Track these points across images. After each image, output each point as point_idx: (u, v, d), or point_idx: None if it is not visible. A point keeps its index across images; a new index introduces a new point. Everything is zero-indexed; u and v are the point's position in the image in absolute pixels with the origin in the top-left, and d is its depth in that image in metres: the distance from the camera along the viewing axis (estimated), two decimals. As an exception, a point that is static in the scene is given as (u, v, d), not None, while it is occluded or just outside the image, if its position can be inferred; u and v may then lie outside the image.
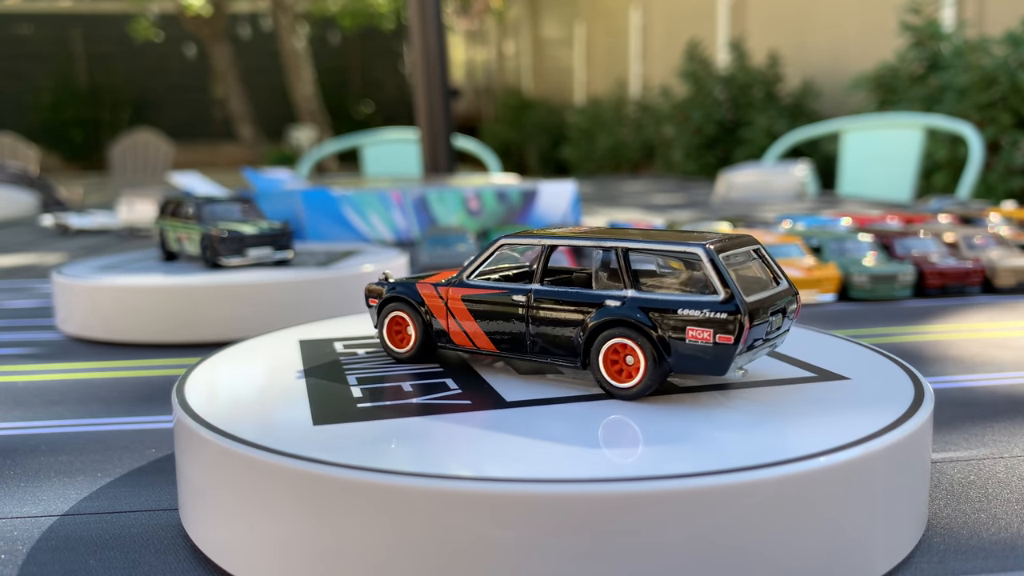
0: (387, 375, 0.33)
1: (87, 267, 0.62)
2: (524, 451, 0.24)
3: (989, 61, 2.16)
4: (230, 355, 0.36)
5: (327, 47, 8.82)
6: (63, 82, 8.59)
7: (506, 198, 1.09)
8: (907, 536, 0.26)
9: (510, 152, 6.43)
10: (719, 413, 0.27)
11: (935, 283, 0.68)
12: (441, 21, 1.51)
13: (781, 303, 0.30)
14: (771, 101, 3.46)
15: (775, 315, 0.29)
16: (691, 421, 0.27)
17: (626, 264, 0.30)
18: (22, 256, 1.02)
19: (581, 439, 0.25)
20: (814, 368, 0.33)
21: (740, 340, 0.27)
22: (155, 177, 3.84)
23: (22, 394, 0.46)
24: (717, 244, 0.29)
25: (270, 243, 0.62)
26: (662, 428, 0.26)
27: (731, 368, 0.28)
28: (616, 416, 0.27)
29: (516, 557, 0.21)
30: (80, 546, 0.28)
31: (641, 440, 0.25)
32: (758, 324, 0.28)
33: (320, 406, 0.29)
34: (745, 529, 0.22)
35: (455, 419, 0.27)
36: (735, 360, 0.28)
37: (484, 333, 0.32)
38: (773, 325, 0.29)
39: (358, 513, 0.22)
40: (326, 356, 0.36)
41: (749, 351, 0.28)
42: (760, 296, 0.29)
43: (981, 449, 0.35)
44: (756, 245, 0.31)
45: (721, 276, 0.28)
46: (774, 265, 0.31)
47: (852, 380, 0.31)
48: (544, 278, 0.32)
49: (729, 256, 0.29)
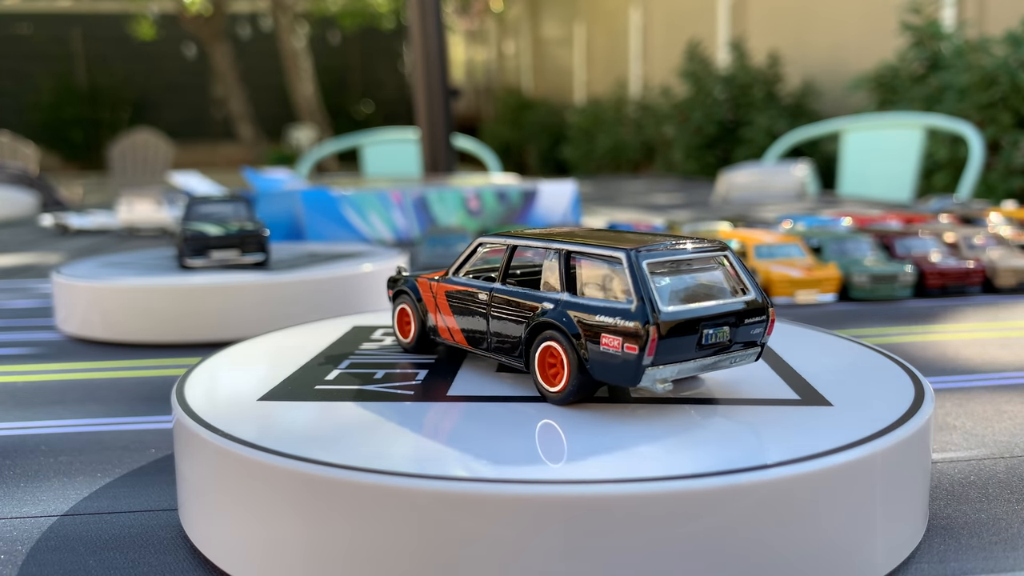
0: (378, 363, 0.35)
1: (87, 267, 0.62)
2: (402, 443, 0.25)
3: (989, 61, 2.16)
4: (230, 355, 0.36)
5: (327, 47, 8.82)
6: (63, 82, 8.59)
7: (506, 198, 1.09)
8: (908, 536, 0.26)
9: (510, 152, 6.43)
10: (656, 421, 0.27)
11: (935, 283, 0.68)
12: (441, 21, 1.51)
13: (731, 317, 0.28)
14: (771, 101, 3.46)
15: (717, 328, 0.27)
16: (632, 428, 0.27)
17: (565, 267, 0.29)
18: (22, 256, 1.02)
19: (476, 438, 0.25)
20: (805, 381, 0.32)
21: (646, 351, 0.26)
22: (155, 177, 3.84)
23: (22, 394, 0.46)
24: (648, 250, 0.28)
25: (237, 245, 0.60)
26: (586, 435, 0.25)
27: (645, 379, 0.26)
28: (543, 420, 0.27)
29: (514, 558, 0.21)
30: (79, 546, 0.28)
31: (538, 447, 0.25)
32: (680, 337, 0.26)
33: (284, 384, 0.31)
34: (745, 530, 0.22)
35: (377, 406, 0.29)
36: (647, 372, 0.26)
37: (459, 329, 0.33)
38: (713, 338, 0.27)
39: (356, 514, 0.22)
40: (351, 342, 0.38)
41: (675, 364, 0.27)
42: (691, 307, 0.27)
43: (981, 449, 0.35)
44: (723, 253, 0.29)
45: (636, 283, 0.27)
46: (742, 276, 0.29)
47: (849, 388, 0.31)
48: (506, 278, 0.32)
49: (664, 263, 0.28)
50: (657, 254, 0.28)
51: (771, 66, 3.54)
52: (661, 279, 0.27)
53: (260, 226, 0.62)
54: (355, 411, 0.28)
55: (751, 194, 1.62)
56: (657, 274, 0.27)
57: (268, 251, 0.62)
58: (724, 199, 1.64)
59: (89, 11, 8.76)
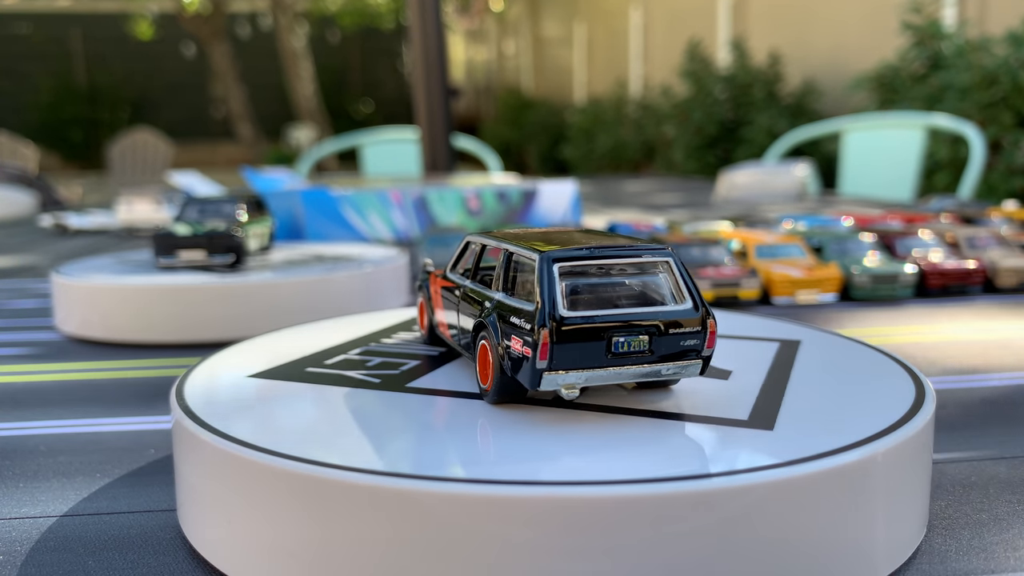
0: (380, 351, 0.36)
1: (86, 267, 0.62)
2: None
3: (990, 60, 2.16)
4: (230, 355, 0.36)
5: (326, 46, 8.82)
6: (62, 81, 8.59)
7: (506, 198, 1.09)
8: (909, 537, 0.26)
9: (510, 152, 6.43)
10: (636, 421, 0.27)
11: (936, 283, 0.68)
12: (441, 20, 1.51)
13: (651, 326, 0.26)
14: (772, 100, 3.45)
15: (631, 336, 0.26)
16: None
17: (505, 267, 0.29)
18: (21, 256, 1.02)
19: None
20: (770, 398, 0.32)
21: (538, 355, 0.25)
22: (154, 177, 3.84)
23: (21, 394, 0.46)
24: (563, 252, 0.27)
25: (204, 246, 0.60)
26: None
27: (546, 383, 0.26)
28: (474, 417, 0.27)
29: (516, 558, 0.21)
30: (78, 547, 0.27)
31: (450, 443, 0.25)
32: (584, 343, 0.26)
33: (281, 366, 0.34)
34: (746, 531, 0.22)
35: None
36: (547, 376, 0.26)
37: (445, 323, 0.34)
38: (625, 347, 0.26)
39: (356, 515, 0.22)
40: (378, 332, 0.40)
41: (582, 371, 0.26)
42: (597, 313, 0.26)
43: (983, 450, 0.35)
44: (665, 259, 0.28)
45: (541, 285, 0.26)
46: (682, 283, 0.28)
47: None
48: (475, 275, 0.32)
49: (582, 266, 0.27)
50: (573, 257, 0.27)
51: (772, 66, 3.54)
52: (576, 282, 0.27)
53: (231, 227, 0.61)
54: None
55: (752, 194, 1.62)
56: (572, 277, 0.27)
57: (242, 252, 0.61)
58: (725, 199, 1.63)
59: (88, 11, 8.76)
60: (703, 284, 0.64)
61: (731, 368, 0.33)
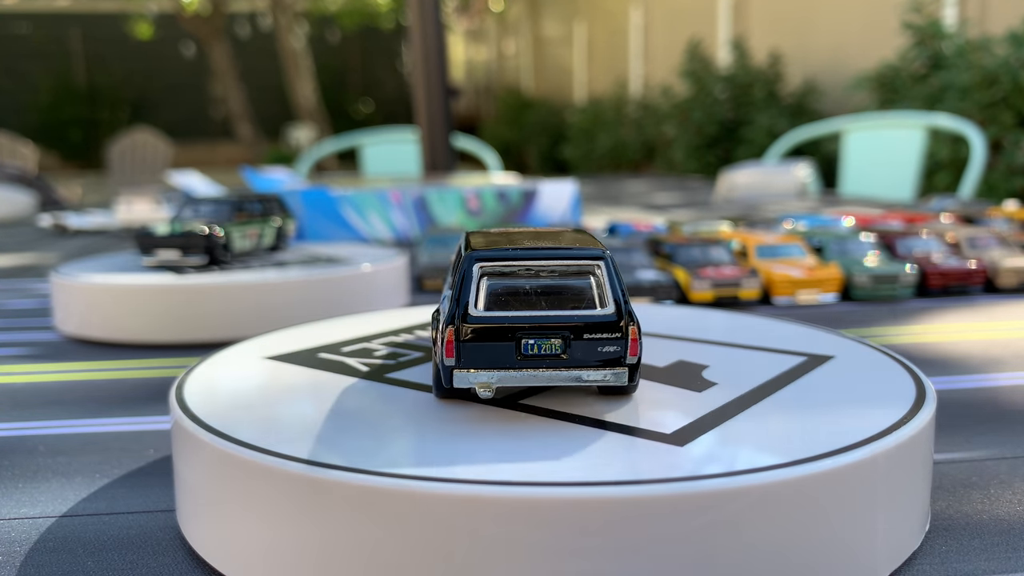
0: (399, 341, 0.37)
1: (86, 266, 0.62)
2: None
3: (991, 60, 2.16)
4: (230, 355, 0.36)
5: (326, 46, 8.82)
6: (61, 81, 8.59)
7: (506, 198, 1.09)
8: (909, 538, 0.26)
9: (510, 152, 6.43)
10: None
11: (937, 283, 0.68)
12: (441, 20, 1.51)
13: (564, 330, 0.26)
14: (772, 100, 3.46)
15: (541, 339, 0.26)
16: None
17: (455, 264, 0.29)
18: (20, 256, 1.02)
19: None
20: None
21: (444, 352, 0.26)
22: (153, 177, 3.84)
23: (20, 394, 0.45)
24: (488, 252, 0.27)
25: (179, 246, 0.60)
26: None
27: (458, 380, 0.26)
28: (470, 416, 0.27)
29: (520, 560, 0.21)
30: (78, 547, 0.27)
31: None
32: (494, 343, 0.26)
33: (296, 350, 0.36)
34: (745, 531, 0.22)
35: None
36: (456, 374, 0.26)
37: None
38: (534, 349, 0.26)
39: (357, 517, 0.22)
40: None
41: (492, 371, 0.26)
42: (504, 314, 0.26)
43: (983, 450, 0.35)
44: (596, 262, 0.27)
45: (460, 283, 0.26)
46: (608, 288, 0.27)
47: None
48: (452, 274, 0.33)
49: (507, 267, 0.27)
50: (498, 258, 0.27)
51: (772, 65, 3.54)
52: (499, 283, 0.27)
53: (206, 228, 0.60)
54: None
55: (752, 194, 1.62)
56: (496, 278, 0.27)
57: (217, 253, 0.60)
58: (725, 199, 1.63)
59: (88, 11, 8.76)
60: (703, 284, 0.64)
61: (717, 380, 0.31)
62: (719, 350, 0.35)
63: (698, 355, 0.35)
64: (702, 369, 0.32)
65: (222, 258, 0.61)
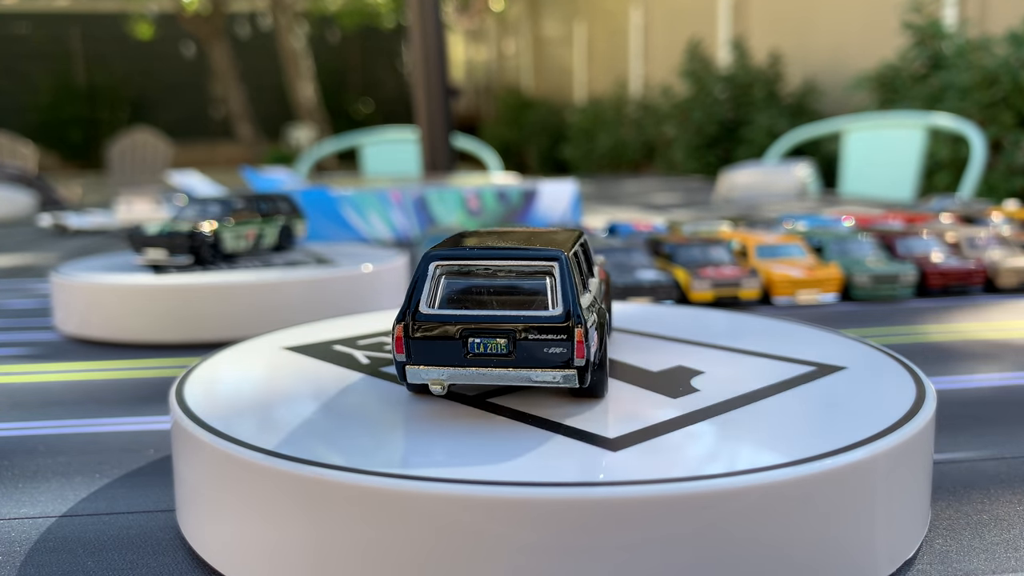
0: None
1: (85, 266, 0.62)
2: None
3: (991, 60, 2.16)
4: (229, 355, 0.36)
5: (326, 46, 8.82)
6: (61, 81, 8.59)
7: (506, 198, 1.09)
8: (909, 538, 0.26)
9: (510, 152, 6.43)
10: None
11: (937, 283, 0.68)
12: (441, 20, 1.51)
13: (510, 330, 0.26)
14: (772, 100, 3.46)
15: (487, 339, 0.26)
16: None
17: None
18: (20, 256, 1.02)
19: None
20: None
21: (394, 348, 0.27)
22: (153, 176, 3.84)
23: (20, 394, 0.45)
24: (443, 252, 0.27)
25: (165, 246, 0.60)
26: None
27: (410, 376, 0.27)
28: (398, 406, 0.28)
29: (521, 561, 0.21)
30: (78, 547, 0.27)
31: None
32: (441, 341, 0.26)
33: (316, 341, 0.37)
34: (745, 532, 0.22)
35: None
36: (408, 369, 0.27)
37: None
38: (481, 348, 0.26)
39: (356, 517, 0.22)
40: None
41: (442, 368, 0.27)
42: (450, 313, 0.27)
43: (983, 450, 0.35)
44: (550, 263, 0.27)
45: (414, 281, 0.27)
46: (559, 290, 0.27)
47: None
48: None
49: (461, 266, 0.27)
50: (453, 257, 0.27)
51: (772, 65, 3.54)
52: (454, 282, 0.27)
53: (192, 227, 0.60)
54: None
55: (752, 194, 1.62)
56: (453, 277, 0.27)
57: (204, 253, 0.60)
58: (725, 199, 1.63)
59: (88, 10, 8.76)
60: (703, 284, 0.64)
61: (702, 388, 0.30)
62: (721, 354, 0.35)
63: (698, 360, 0.34)
64: (694, 375, 0.31)
65: (208, 258, 0.61)
